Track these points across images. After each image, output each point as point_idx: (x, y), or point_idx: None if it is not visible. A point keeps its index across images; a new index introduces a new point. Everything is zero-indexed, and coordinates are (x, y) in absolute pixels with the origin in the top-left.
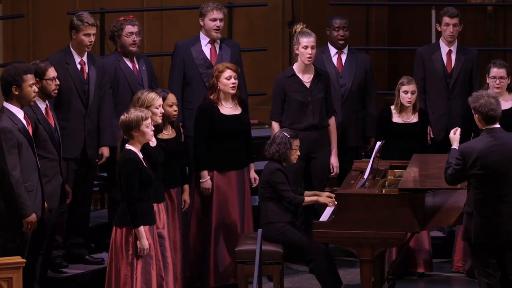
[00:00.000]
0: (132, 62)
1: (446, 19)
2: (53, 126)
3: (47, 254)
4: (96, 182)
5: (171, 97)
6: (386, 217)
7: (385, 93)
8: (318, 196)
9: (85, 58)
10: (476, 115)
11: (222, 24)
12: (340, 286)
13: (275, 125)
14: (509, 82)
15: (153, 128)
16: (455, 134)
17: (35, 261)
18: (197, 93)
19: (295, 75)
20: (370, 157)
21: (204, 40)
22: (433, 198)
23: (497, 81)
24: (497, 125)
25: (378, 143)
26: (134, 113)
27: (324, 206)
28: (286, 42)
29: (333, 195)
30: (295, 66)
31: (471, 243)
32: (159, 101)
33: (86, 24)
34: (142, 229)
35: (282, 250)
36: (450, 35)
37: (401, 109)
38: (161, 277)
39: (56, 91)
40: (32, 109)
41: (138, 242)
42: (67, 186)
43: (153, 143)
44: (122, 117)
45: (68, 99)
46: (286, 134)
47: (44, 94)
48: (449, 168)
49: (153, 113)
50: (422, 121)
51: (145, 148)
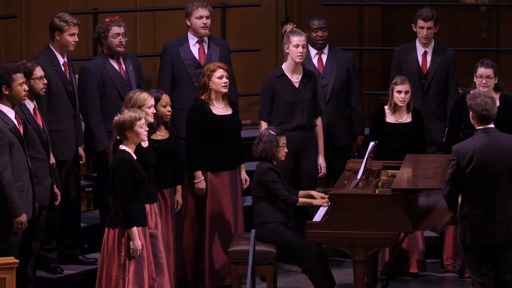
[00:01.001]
0: (119, 64)
1: (421, 23)
2: (41, 127)
3: (38, 255)
4: (90, 183)
5: (165, 98)
6: (380, 217)
7: (379, 93)
8: (312, 199)
9: (65, 59)
10: (471, 113)
11: (209, 21)
12: (333, 287)
13: (264, 125)
14: (496, 82)
15: (147, 128)
16: None
17: (27, 262)
18: (186, 94)
19: (284, 75)
20: (363, 157)
21: (192, 40)
22: (427, 198)
23: (484, 81)
24: (492, 125)
25: (371, 143)
26: (128, 114)
27: (316, 207)
28: (280, 43)
29: (326, 196)
30: (285, 66)
31: (466, 244)
32: (151, 101)
33: (72, 24)
34: (135, 230)
35: (275, 251)
36: (424, 38)
37: (395, 109)
38: (153, 279)
39: (44, 90)
40: (21, 109)
41: (131, 243)
42: (56, 188)
43: (145, 144)
44: (116, 118)
45: (60, 101)
46: (272, 132)
47: (32, 94)
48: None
49: (145, 113)
50: (416, 121)
51: (137, 149)
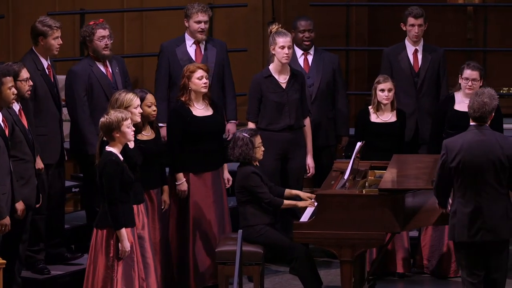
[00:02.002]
0: (105, 66)
1: (411, 20)
2: (27, 128)
3: (23, 256)
4: (76, 183)
5: (150, 97)
6: (367, 218)
7: (366, 94)
8: (298, 201)
9: (49, 61)
10: (468, 105)
11: (207, 26)
12: (321, 287)
13: (251, 126)
14: (482, 85)
15: (134, 129)
16: None
17: (14, 263)
18: None
19: (271, 76)
20: (350, 158)
21: (189, 41)
22: (413, 199)
23: (470, 83)
24: (486, 124)
25: (359, 144)
26: (114, 114)
27: (303, 208)
28: (266, 43)
29: (313, 196)
30: (271, 67)
31: (455, 242)
32: (137, 101)
33: (55, 28)
34: (124, 231)
35: (262, 251)
36: (415, 35)
37: (378, 108)
38: (142, 279)
39: (30, 92)
40: (8, 111)
41: (120, 244)
42: (39, 190)
43: (132, 145)
44: (102, 119)
45: (46, 105)
46: (246, 135)
47: (18, 96)
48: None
49: (132, 113)
50: (401, 121)
51: (124, 150)
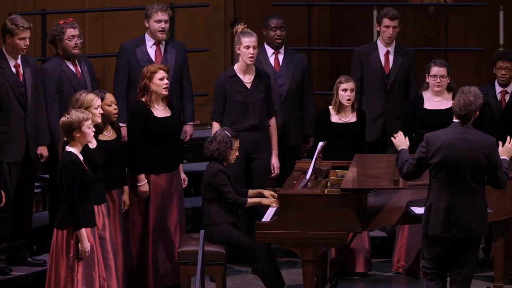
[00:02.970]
0: (75, 65)
1: (387, 21)
2: None
3: None
4: (38, 184)
5: (109, 96)
6: (328, 217)
7: (328, 94)
8: (261, 198)
9: (19, 61)
10: (454, 102)
11: (168, 26)
12: (283, 287)
13: (216, 126)
14: (449, 82)
15: (94, 129)
16: (397, 138)
17: None
18: None
19: (236, 76)
20: (312, 158)
21: (149, 42)
22: (375, 198)
23: (438, 80)
24: (470, 123)
25: (320, 143)
26: (75, 114)
27: (266, 207)
28: (228, 43)
29: (276, 195)
30: (236, 67)
31: (428, 236)
32: (98, 102)
33: (22, 28)
34: (84, 232)
35: (225, 251)
36: (389, 37)
37: (339, 109)
38: (103, 279)
39: None
40: None
41: (80, 245)
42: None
43: (93, 145)
44: (63, 119)
45: (7, 104)
46: (228, 133)
47: None
48: (406, 163)
49: (93, 114)
50: (361, 121)
51: (85, 150)
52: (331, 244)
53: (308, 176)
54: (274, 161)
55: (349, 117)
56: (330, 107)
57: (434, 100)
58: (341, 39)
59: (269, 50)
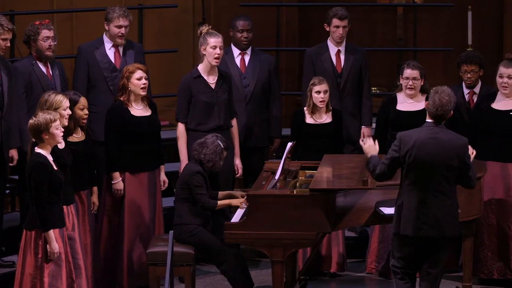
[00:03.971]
0: (46, 67)
1: (336, 21)
2: None
3: None
4: (8, 185)
5: (83, 101)
6: (298, 218)
7: (296, 94)
8: (231, 199)
9: None
10: (428, 103)
11: (127, 31)
12: (252, 287)
13: (181, 126)
14: (422, 84)
15: (63, 130)
16: (366, 145)
17: None
18: (102, 96)
19: (201, 76)
20: (281, 158)
21: (108, 44)
22: (344, 198)
23: (410, 82)
24: (443, 123)
25: (289, 144)
26: (43, 116)
27: (234, 208)
28: (197, 44)
29: (246, 195)
30: (200, 67)
31: (399, 235)
32: (66, 103)
33: (6, 29)
34: (52, 233)
35: (194, 252)
36: (339, 37)
37: (314, 110)
38: (72, 279)
39: None
40: None
41: (48, 246)
42: None
43: (62, 146)
44: (31, 121)
45: None
46: (221, 144)
47: None
48: (378, 165)
49: (61, 115)
50: (336, 122)
51: (54, 151)
52: (300, 245)
53: (277, 177)
54: (237, 162)
55: (324, 118)
56: (305, 108)
57: (407, 102)
58: (310, 40)
59: (236, 51)
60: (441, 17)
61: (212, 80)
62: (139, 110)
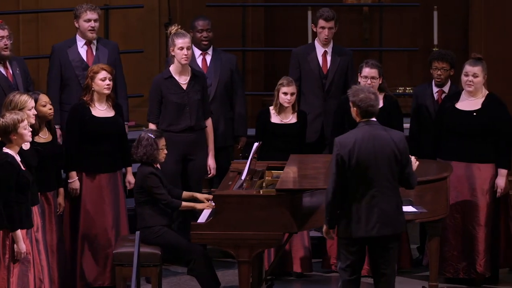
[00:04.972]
0: (5, 68)
1: (322, 23)
2: None
3: None
4: None
5: (43, 97)
6: (264, 218)
7: (262, 94)
8: (195, 203)
9: None
10: (354, 109)
11: (97, 25)
12: (219, 287)
13: (152, 127)
14: (381, 82)
15: (31, 129)
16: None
17: None
18: (75, 95)
19: (172, 77)
20: (247, 158)
21: (80, 42)
22: (311, 199)
23: (369, 81)
24: (374, 119)
25: (256, 144)
26: (10, 117)
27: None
28: (163, 44)
29: (211, 197)
30: (172, 68)
31: (340, 237)
32: (32, 103)
33: None
34: (19, 233)
35: (160, 252)
36: (325, 38)
37: (280, 110)
38: (40, 280)
39: None
40: None
41: (15, 246)
42: None
43: (27, 146)
44: None
45: None
46: (151, 135)
47: None
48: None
49: (27, 115)
50: (301, 122)
51: (19, 152)
52: (267, 245)
53: (244, 177)
54: (211, 162)
55: (289, 118)
56: (271, 108)
57: None
58: (276, 40)
59: (197, 52)
60: (407, 17)
61: (184, 81)
62: (102, 111)
